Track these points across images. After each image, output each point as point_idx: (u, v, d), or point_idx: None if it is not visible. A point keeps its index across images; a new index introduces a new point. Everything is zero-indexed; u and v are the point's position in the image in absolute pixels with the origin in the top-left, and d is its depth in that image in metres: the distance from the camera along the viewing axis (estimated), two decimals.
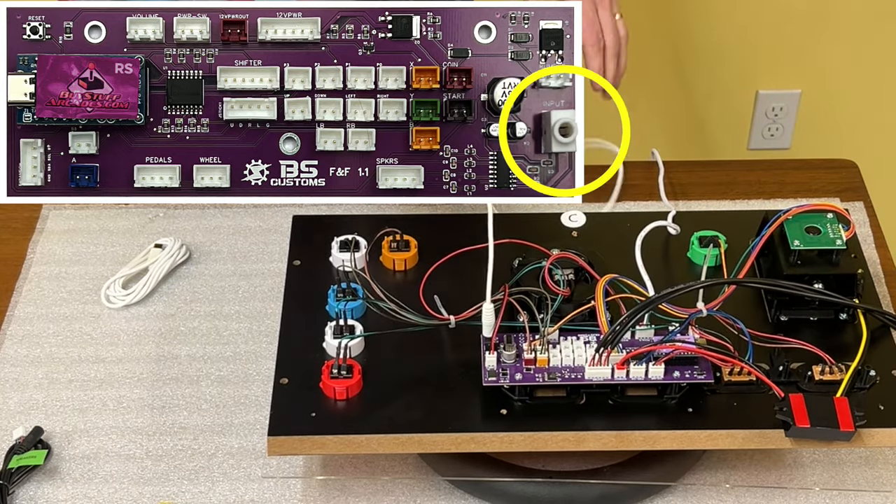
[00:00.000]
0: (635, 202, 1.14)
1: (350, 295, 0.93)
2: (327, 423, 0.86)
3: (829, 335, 0.93)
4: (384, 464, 0.93)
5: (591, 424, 0.86)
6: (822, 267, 0.94)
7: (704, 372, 0.86)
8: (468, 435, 0.86)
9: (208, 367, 1.00)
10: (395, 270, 0.98)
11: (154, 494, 0.91)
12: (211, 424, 0.96)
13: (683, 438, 0.86)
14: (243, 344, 1.02)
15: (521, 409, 0.87)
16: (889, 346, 0.92)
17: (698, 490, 0.92)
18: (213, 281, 1.08)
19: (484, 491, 0.91)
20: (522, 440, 0.86)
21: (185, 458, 0.94)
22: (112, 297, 1.05)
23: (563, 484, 0.90)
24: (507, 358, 0.87)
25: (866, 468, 0.93)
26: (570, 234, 1.02)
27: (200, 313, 1.05)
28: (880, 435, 0.86)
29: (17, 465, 0.91)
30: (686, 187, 1.16)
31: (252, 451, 0.94)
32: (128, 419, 0.97)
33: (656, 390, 0.87)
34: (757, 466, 0.93)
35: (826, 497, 0.92)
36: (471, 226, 1.01)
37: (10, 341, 1.02)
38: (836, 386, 0.87)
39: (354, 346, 0.90)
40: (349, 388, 0.87)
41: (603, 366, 0.86)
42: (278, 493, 0.92)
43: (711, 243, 0.99)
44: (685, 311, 0.88)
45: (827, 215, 0.96)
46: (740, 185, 1.17)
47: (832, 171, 1.19)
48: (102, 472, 0.93)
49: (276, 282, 1.06)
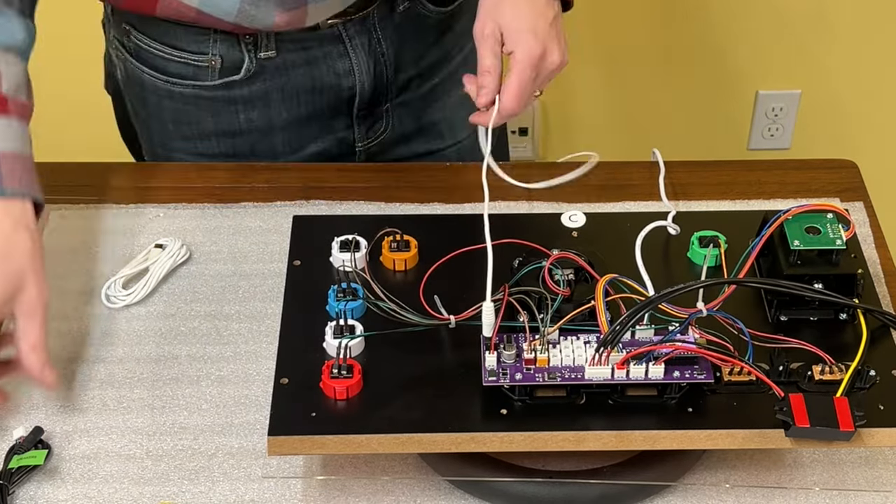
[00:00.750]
0: (635, 202, 1.14)
1: (350, 295, 0.93)
2: (327, 423, 0.86)
3: (829, 335, 0.93)
4: (384, 464, 0.93)
5: (591, 424, 0.86)
6: (822, 267, 0.94)
7: (704, 372, 0.86)
8: (468, 435, 0.86)
9: (208, 367, 1.00)
10: (395, 270, 0.98)
11: (154, 494, 0.91)
12: (211, 424, 0.96)
13: (683, 438, 0.86)
14: (243, 344, 1.02)
15: (521, 408, 0.87)
16: (889, 346, 0.92)
17: (698, 490, 0.92)
18: (213, 281, 1.08)
19: (484, 491, 0.91)
20: (522, 440, 0.86)
21: (186, 458, 0.94)
22: (112, 297, 1.05)
23: (563, 484, 0.90)
24: (507, 358, 0.87)
25: (866, 468, 0.93)
26: (570, 234, 1.02)
27: (200, 313, 1.05)
28: (880, 435, 0.86)
29: (17, 465, 0.91)
30: (686, 187, 1.16)
31: (252, 451, 0.94)
32: (128, 419, 0.97)
33: (656, 390, 0.87)
34: (757, 466, 0.93)
35: (826, 497, 0.92)
36: (471, 226, 1.01)
37: None
38: (836, 386, 0.87)
39: (354, 346, 0.90)
40: (349, 388, 0.87)
41: (603, 366, 0.86)
42: (278, 493, 0.92)
43: (711, 243, 0.99)
44: (685, 311, 0.88)
45: (827, 215, 0.96)
46: (740, 185, 1.17)
47: (832, 171, 1.19)
48: (102, 472, 0.93)
49: (276, 282, 1.06)
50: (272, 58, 1.17)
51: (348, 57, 1.19)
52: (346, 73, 1.20)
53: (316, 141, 1.24)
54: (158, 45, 1.17)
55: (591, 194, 1.15)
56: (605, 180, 1.17)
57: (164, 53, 1.17)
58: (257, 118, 1.21)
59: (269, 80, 1.18)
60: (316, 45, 1.18)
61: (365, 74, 1.21)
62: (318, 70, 1.19)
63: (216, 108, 1.20)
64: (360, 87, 1.21)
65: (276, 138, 1.23)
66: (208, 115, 1.20)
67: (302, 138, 1.23)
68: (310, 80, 1.19)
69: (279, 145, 1.23)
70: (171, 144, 1.24)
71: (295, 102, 1.20)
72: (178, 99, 1.20)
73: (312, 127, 1.23)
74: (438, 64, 1.27)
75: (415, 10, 1.21)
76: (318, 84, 1.20)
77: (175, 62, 1.17)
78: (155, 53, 1.18)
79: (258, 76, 1.18)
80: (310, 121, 1.22)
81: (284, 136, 1.23)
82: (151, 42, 1.17)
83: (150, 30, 1.17)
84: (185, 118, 1.21)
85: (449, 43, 1.27)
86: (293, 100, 1.20)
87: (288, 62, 1.18)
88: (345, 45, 1.18)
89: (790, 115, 2.20)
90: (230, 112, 1.20)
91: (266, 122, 1.21)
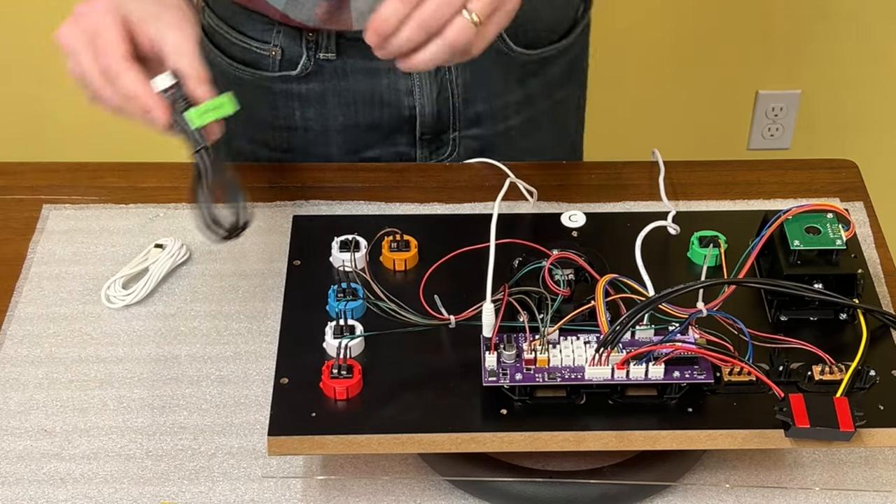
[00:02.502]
0: (635, 202, 1.14)
1: (350, 295, 0.93)
2: (327, 423, 0.86)
3: (829, 335, 0.93)
4: (384, 464, 0.93)
5: (591, 424, 0.86)
6: (822, 267, 0.94)
7: (704, 372, 0.86)
8: (468, 435, 0.86)
9: (208, 367, 1.00)
10: (395, 270, 0.98)
11: (154, 494, 0.91)
12: (211, 424, 0.96)
13: (683, 438, 0.86)
14: (243, 344, 1.02)
15: (521, 409, 0.87)
16: (889, 346, 0.92)
17: (698, 490, 0.92)
18: (213, 281, 1.08)
19: (484, 491, 0.91)
20: (522, 440, 0.86)
21: (185, 458, 0.94)
22: (112, 297, 1.05)
23: (563, 484, 0.90)
24: (507, 358, 0.87)
25: (866, 468, 0.93)
26: (570, 234, 1.02)
27: (200, 313, 1.05)
28: (880, 435, 0.86)
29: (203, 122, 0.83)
30: (686, 187, 1.16)
31: (252, 451, 0.94)
32: (128, 419, 0.97)
33: (656, 390, 0.87)
34: (757, 466, 0.93)
35: (826, 497, 0.91)
36: (471, 226, 1.01)
37: (10, 341, 1.02)
38: (835, 386, 0.87)
39: (354, 346, 0.90)
40: (349, 388, 0.87)
41: (603, 366, 0.86)
42: (278, 493, 0.92)
43: (711, 243, 0.99)
44: (685, 311, 0.88)
45: (827, 215, 0.96)
46: (740, 185, 1.17)
47: (832, 171, 1.19)
48: (102, 472, 0.93)
49: (276, 282, 1.06)
50: (331, 60, 1.15)
51: (410, 76, 1.16)
52: (407, 92, 1.18)
53: (374, 149, 1.22)
54: (226, 28, 1.18)
55: (591, 194, 1.15)
56: (605, 180, 1.17)
57: (229, 36, 1.18)
58: (313, 117, 1.20)
59: (326, 81, 1.17)
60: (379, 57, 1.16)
61: (426, 98, 1.18)
62: (379, 83, 1.17)
63: (274, 101, 1.19)
64: (420, 109, 1.18)
65: (332, 140, 1.21)
66: (266, 105, 1.20)
67: (359, 145, 1.22)
68: (369, 91, 1.18)
69: (334, 147, 1.22)
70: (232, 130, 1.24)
71: (353, 109, 1.19)
72: (241, 84, 1.19)
73: (371, 136, 1.21)
74: (518, 106, 1.22)
75: (495, 45, 1.14)
76: (378, 97, 1.18)
77: (238, 46, 1.18)
78: (222, 35, 1.19)
79: (316, 76, 1.17)
80: (368, 130, 1.20)
81: (340, 140, 1.21)
82: (220, 23, 1.18)
83: (220, 10, 1.18)
84: (244, 105, 1.21)
85: (534, 87, 1.22)
86: (350, 106, 1.19)
87: (348, 67, 1.16)
88: None
89: (790, 115, 2.20)
90: (287, 107, 1.19)
91: (322, 123, 1.20)
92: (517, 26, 1.14)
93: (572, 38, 1.22)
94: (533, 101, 1.23)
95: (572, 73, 1.21)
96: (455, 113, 1.20)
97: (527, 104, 1.23)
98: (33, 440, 0.95)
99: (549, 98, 1.24)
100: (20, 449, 0.94)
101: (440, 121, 1.20)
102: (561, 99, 1.13)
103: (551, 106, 1.24)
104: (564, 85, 1.21)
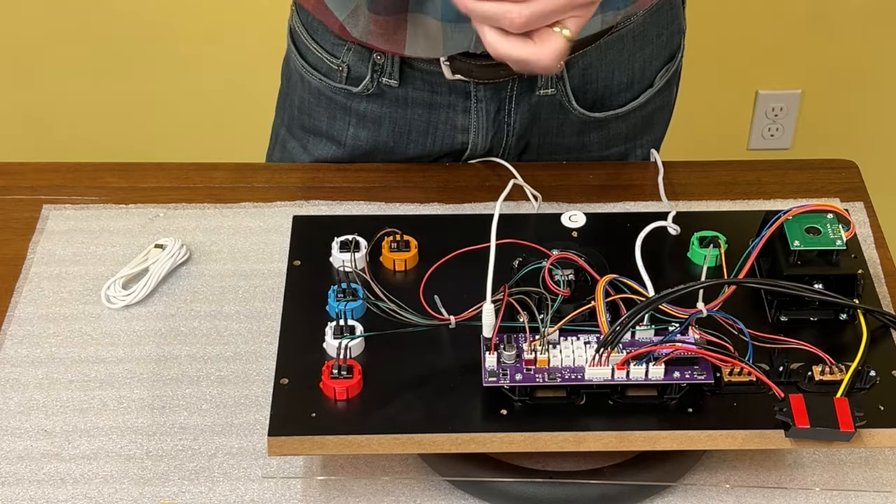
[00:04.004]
0: (635, 202, 1.14)
1: (350, 295, 0.93)
2: (327, 423, 0.86)
3: (829, 335, 0.93)
4: (384, 464, 0.93)
5: (591, 425, 0.86)
6: (822, 267, 0.94)
7: (704, 372, 0.86)
8: (468, 435, 0.86)
9: (208, 367, 1.00)
10: (395, 270, 0.98)
11: (154, 494, 0.92)
12: (211, 424, 0.96)
13: (683, 438, 0.86)
14: (243, 344, 1.02)
15: (522, 409, 0.87)
16: (889, 347, 0.92)
17: (698, 490, 0.92)
18: (213, 281, 1.08)
19: (484, 491, 0.91)
20: (522, 440, 0.86)
21: (185, 458, 0.94)
22: (112, 297, 1.05)
23: (563, 484, 0.90)
24: (507, 358, 0.87)
25: (866, 468, 0.93)
26: (570, 234, 1.02)
27: (200, 313, 1.05)
28: (880, 435, 0.86)
29: None
30: (686, 187, 1.16)
31: (252, 451, 0.94)
32: (128, 419, 0.97)
33: (656, 390, 0.87)
34: (757, 466, 0.93)
35: (826, 497, 0.92)
36: (471, 226, 1.01)
37: (10, 341, 1.02)
38: (836, 386, 0.87)
39: (354, 346, 0.90)
40: (349, 388, 0.87)
41: (603, 366, 0.86)
42: (278, 493, 0.92)
43: (711, 243, 0.99)
44: (685, 312, 0.88)
45: (827, 216, 0.96)
46: (740, 185, 1.17)
47: (832, 172, 1.19)
48: (102, 472, 0.93)
49: (276, 282, 1.06)
50: (393, 87, 1.15)
51: (470, 115, 1.16)
52: (463, 130, 1.18)
53: None
54: (305, 33, 1.19)
55: (591, 194, 1.15)
56: (605, 180, 1.17)
57: (306, 41, 1.19)
58: (364, 138, 1.19)
59: (385, 106, 1.17)
60: (443, 90, 1.15)
61: (480, 136, 1.18)
62: (437, 116, 1.17)
63: (333, 111, 1.20)
64: (472, 146, 1.19)
65: (376, 160, 1.21)
66: (325, 114, 1.20)
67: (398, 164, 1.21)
68: (425, 123, 1.18)
69: None
70: (292, 130, 1.25)
71: (405, 138, 1.19)
72: (307, 87, 1.20)
73: (414, 160, 1.21)
74: (570, 151, 1.22)
75: (558, 100, 1.17)
76: (433, 129, 1.18)
77: (313, 53, 1.18)
78: (301, 37, 1.20)
79: (376, 98, 1.17)
80: (415, 158, 1.20)
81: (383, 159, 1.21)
82: (302, 28, 1.19)
83: (303, 15, 1.19)
84: (307, 108, 1.21)
85: (591, 140, 1.21)
86: (404, 135, 1.19)
87: (409, 97, 1.16)
88: (470, 103, 1.16)
89: (790, 115, 2.20)
90: (343, 121, 1.19)
91: (372, 145, 1.20)
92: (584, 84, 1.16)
93: (644, 98, 1.20)
94: (587, 149, 1.22)
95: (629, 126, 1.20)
96: (506, 148, 1.20)
97: (579, 150, 1.22)
98: (33, 440, 0.95)
99: (605, 149, 1.22)
100: (20, 449, 0.94)
101: (489, 153, 1.20)
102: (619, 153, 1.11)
103: (606, 156, 1.23)
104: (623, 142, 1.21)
